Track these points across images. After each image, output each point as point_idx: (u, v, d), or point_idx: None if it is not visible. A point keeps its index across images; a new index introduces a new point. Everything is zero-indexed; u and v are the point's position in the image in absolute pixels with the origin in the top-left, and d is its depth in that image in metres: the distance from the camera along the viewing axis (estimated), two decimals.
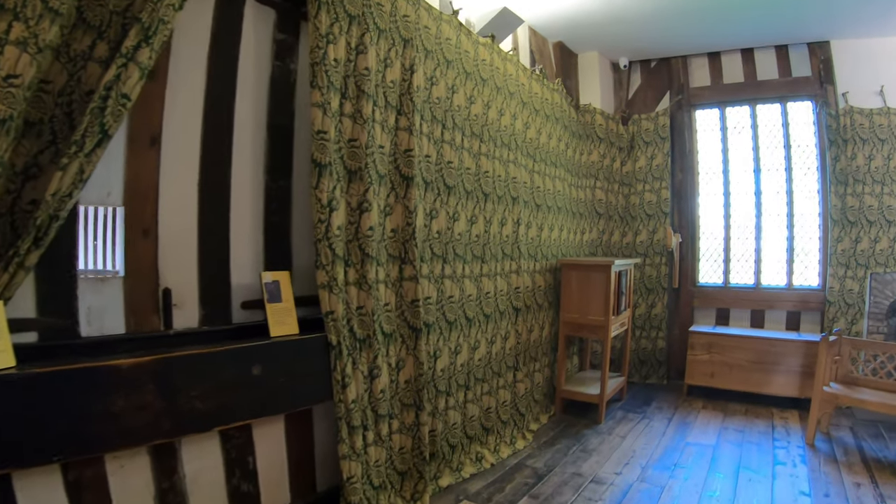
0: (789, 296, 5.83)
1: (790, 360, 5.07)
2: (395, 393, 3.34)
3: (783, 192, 5.97)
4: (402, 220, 3.38)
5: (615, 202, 6.18)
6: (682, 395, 5.63)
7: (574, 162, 5.66)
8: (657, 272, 6.03)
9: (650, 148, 6.21)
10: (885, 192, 5.23)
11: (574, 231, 5.62)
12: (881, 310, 5.28)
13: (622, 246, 6.20)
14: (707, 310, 6.20)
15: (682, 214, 6.12)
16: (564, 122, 5.47)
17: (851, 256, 5.34)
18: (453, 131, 3.82)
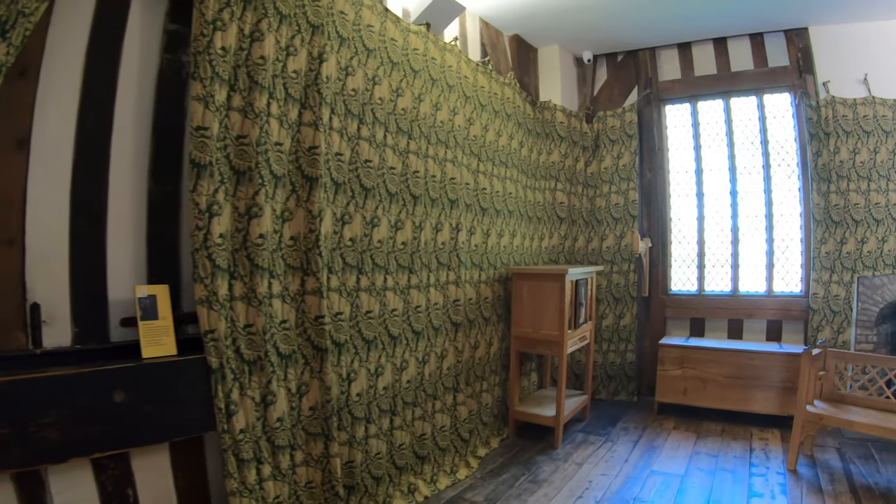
0: (769, 303, 5.38)
1: (771, 374, 4.68)
2: (298, 421, 2.92)
3: (761, 192, 5.53)
4: (304, 227, 2.96)
5: (579, 205, 5.74)
6: (653, 414, 5.17)
7: (530, 162, 5.24)
8: (625, 280, 5.58)
9: (616, 146, 5.75)
10: (871, 188, 4.83)
11: (530, 237, 5.21)
12: (870, 317, 4.84)
13: (587, 252, 5.74)
14: (680, 320, 5.75)
15: (652, 217, 5.71)
16: (518, 119, 5.04)
17: (836, 259, 4.92)
18: (373, 126, 3.40)
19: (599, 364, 5.83)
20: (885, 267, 4.81)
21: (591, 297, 4.98)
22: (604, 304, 5.80)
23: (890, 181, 4.81)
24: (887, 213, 4.83)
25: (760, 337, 5.44)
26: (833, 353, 4.04)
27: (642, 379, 5.68)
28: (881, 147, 4.84)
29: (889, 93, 4.87)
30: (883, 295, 4.83)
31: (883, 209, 4.83)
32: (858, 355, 4.05)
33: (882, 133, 4.84)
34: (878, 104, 4.84)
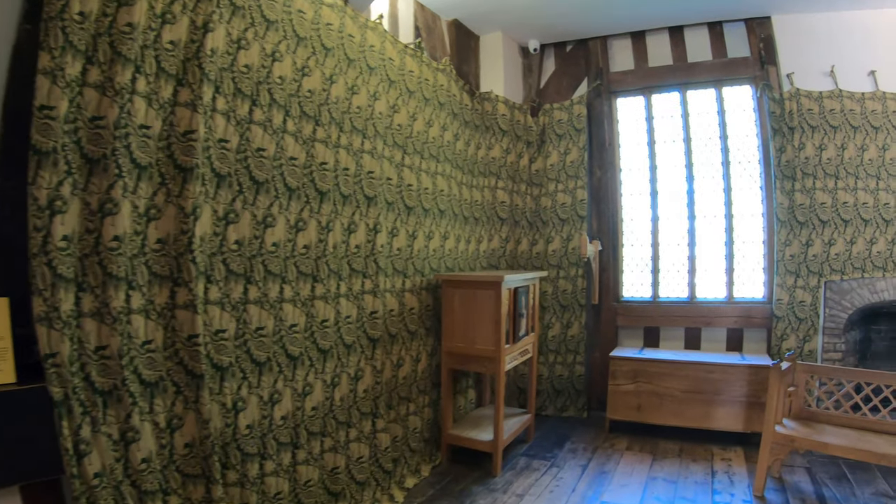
0: (730, 310, 5.04)
1: (732, 388, 4.36)
2: (171, 461, 2.44)
3: (720, 190, 5.18)
4: (174, 227, 2.47)
5: (522, 205, 5.33)
6: (604, 433, 4.80)
7: (467, 157, 4.85)
8: (573, 286, 5.20)
9: (563, 142, 5.34)
10: (839, 186, 4.55)
11: (466, 239, 4.80)
12: (838, 324, 4.60)
13: (531, 256, 5.35)
14: (633, 329, 5.38)
15: (602, 218, 5.35)
16: (453, 109, 4.62)
17: (802, 263, 4.63)
18: (270, 109, 2.91)
19: (546, 378, 5.43)
20: (853, 270, 4.54)
21: (534, 306, 4.55)
22: (550, 313, 5.42)
23: (858, 179, 4.53)
24: (856, 212, 4.54)
25: (720, 346, 5.11)
26: (803, 367, 3.76)
27: (592, 393, 5.31)
28: (849, 143, 4.55)
29: (857, 85, 4.58)
30: (851, 300, 4.57)
31: (851, 209, 4.54)
32: (832, 369, 3.74)
33: (850, 128, 4.55)
34: (846, 97, 4.55)
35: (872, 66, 4.58)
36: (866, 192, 4.55)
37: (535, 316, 4.58)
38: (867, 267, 4.53)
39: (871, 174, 4.54)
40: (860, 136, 4.54)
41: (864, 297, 4.57)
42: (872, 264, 4.52)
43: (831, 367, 3.86)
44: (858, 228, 4.55)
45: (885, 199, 4.52)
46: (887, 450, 3.07)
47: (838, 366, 4.54)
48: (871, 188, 4.54)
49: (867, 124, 4.54)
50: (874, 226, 4.52)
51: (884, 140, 4.43)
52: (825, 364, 4.57)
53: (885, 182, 4.52)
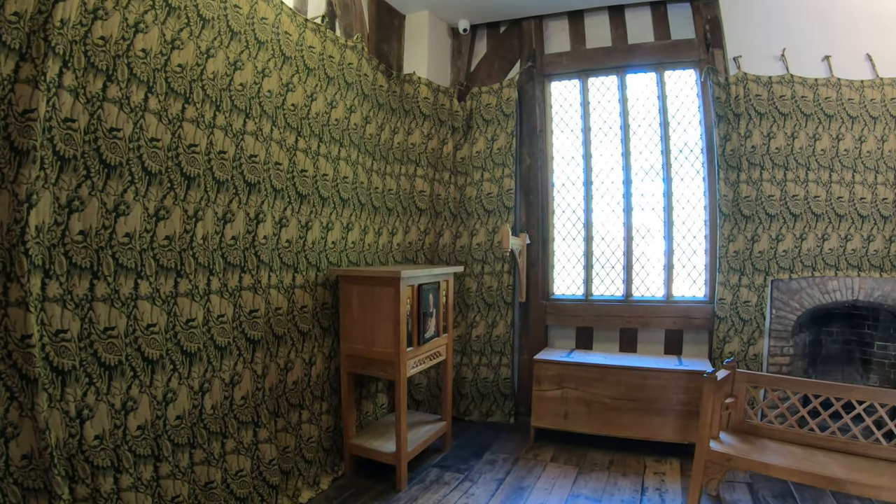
0: (668, 310, 4.98)
1: (668, 395, 4.27)
2: (7, 473, 2.28)
3: (659, 181, 5.13)
4: (7, 216, 2.31)
5: (445, 195, 5.23)
6: (528, 442, 4.70)
7: (380, 142, 4.74)
8: (499, 282, 5.12)
9: (491, 127, 5.23)
10: (788, 178, 4.47)
11: (377, 231, 4.70)
12: (786, 326, 4.52)
13: (454, 250, 5.27)
14: (564, 329, 5.31)
15: (531, 209, 5.27)
16: (363, 90, 4.49)
17: (747, 259, 4.56)
18: (128, 86, 2.72)
19: (470, 381, 5.32)
20: (803, 269, 4.47)
21: (448, 304, 4.43)
22: (474, 311, 5.31)
23: (809, 170, 4.45)
24: (806, 206, 4.46)
25: (658, 349, 5.05)
26: (744, 376, 3.63)
27: (520, 397, 5.24)
28: (800, 131, 4.47)
29: (809, 71, 4.50)
30: (801, 301, 4.49)
31: (801, 202, 4.47)
32: (777, 378, 3.61)
33: (801, 116, 4.47)
34: (798, 83, 4.47)
35: (827, 51, 4.51)
36: (818, 184, 4.47)
37: (448, 315, 4.46)
38: (818, 265, 4.46)
39: (824, 165, 4.46)
40: (812, 125, 4.40)
41: (814, 297, 4.49)
42: (824, 262, 4.45)
43: (775, 376, 3.72)
44: (809, 223, 4.48)
45: (838, 193, 4.43)
46: (837, 472, 2.90)
47: (784, 374, 4.50)
48: (823, 180, 4.47)
49: (820, 112, 4.45)
50: (826, 221, 4.45)
51: (838, 129, 4.35)
52: (771, 371, 4.51)
53: (839, 174, 4.43)
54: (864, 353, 4.78)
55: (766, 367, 4.53)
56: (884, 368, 4.65)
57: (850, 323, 4.87)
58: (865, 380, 4.73)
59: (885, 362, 4.63)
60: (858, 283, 4.41)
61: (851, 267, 4.43)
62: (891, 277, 4.36)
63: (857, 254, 4.41)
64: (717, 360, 4.61)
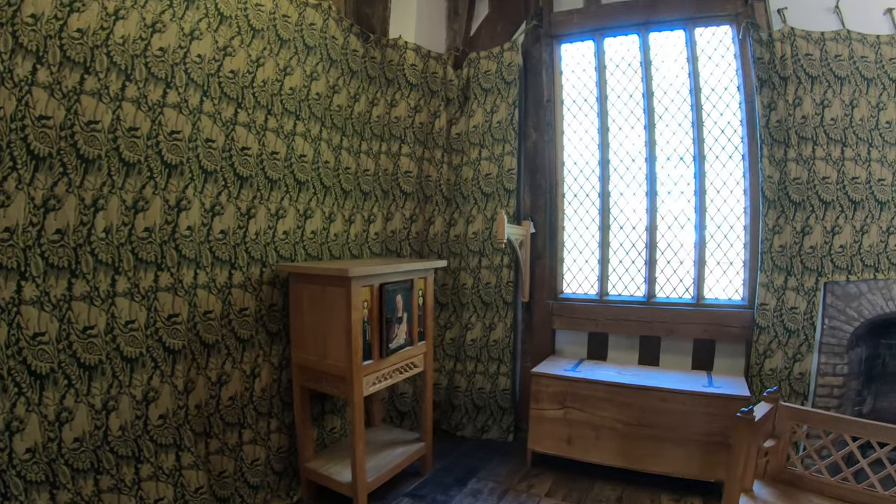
0: (698, 316, 4.49)
1: (693, 422, 3.81)
2: None
3: (689, 159, 4.65)
4: None
5: (437, 176, 4.94)
6: (525, 467, 4.32)
7: (352, 115, 4.40)
8: (497, 278, 4.81)
9: (490, 97, 4.87)
10: (847, 156, 3.90)
11: (347, 218, 4.37)
12: (840, 339, 3.92)
13: (448, 239, 5.02)
14: (575, 333, 4.90)
15: (537, 193, 4.91)
16: (331, 55, 4.18)
17: (795, 256, 4.03)
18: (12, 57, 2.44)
19: (464, 390, 4.98)
20: (864, 269, 3.88)
21: (427, 306, 4.07)
22: (469, 311, 4.96)
23: (873, 147, 3.86)
24: (868, 191, 3.87)
25: (685, 362, 4.58)
26: (790, 412, 3.10)
27: (521, 411, 4.89)
28: (860, 99, 3.88)
29: (871, 26, 3.92)
30: (860, 309, 3.88)
31: (863, 187, 3.87)
32: (833, 419, 3.00)
33: (861, 80, 3.88)
34: (856, 41, 3.88)
35: (890, 3, 3.91)
36: (883, 164, 3.87)
37: (427, 319, 4.09)
38: (882, 264, 3.86)
39: (890, 142, 3.87)
40: (875, 91, 3.87)
41: (876, 304, 3.88)
42: (889, 261, 3.85)
43: (832, 415, 3.07)
44: (872, 213, 3.88)
45: (879, 173, 3.88)
46: None
47: (836, 396, 3.96)
48: (889, 160, 3.87)
49: (884, 76, 3.87)
50: (893, 210, 3.86)
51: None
52: (820, 394, 3.97)
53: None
54: None
55: (813, 387, 4.01)
56: None
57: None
58: None
59: None
60: None
61: None
62: None
63: None
64: (756, 377, 4.14)
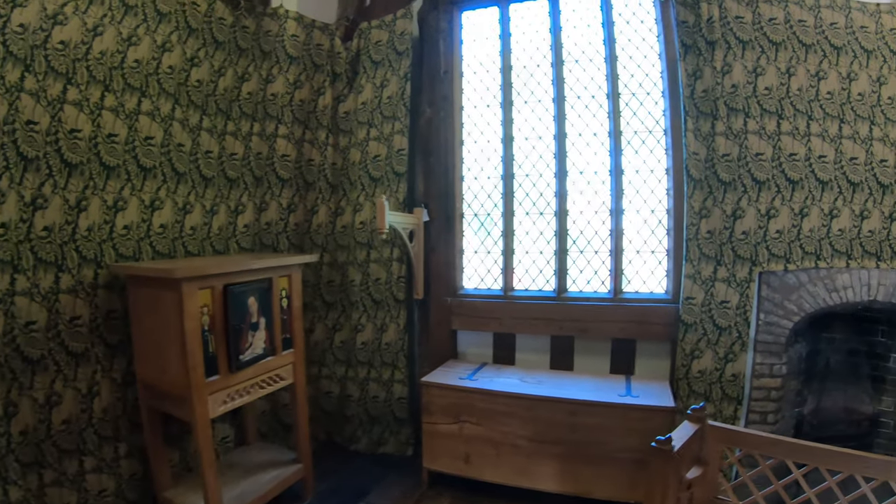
0: (615, 312, 4.39)
1: (609, 438, 3.66)
2: None
3: (604, 135, 4.56)
4: None
5: (320, 160, 4.82)
6: (421, 488, 4.20)
7: (215, 92, 4.19)
8: (388, 273, 4.69)
9: (381, 71, 4.72)
10: (783, 129, 3.80)
11: (209, 209, 4.20)
12: (778, 337, 3.85)
13: (334, 230, 4.87)
14: (478, 334, 4.80)
15: (432, 176, 4.84)
16: (189, 24, 3.95)
17: (726, 243, 3.93)
18: None
19: (356, 400, 4.84)
20: (804, 256, 3.80)
21: (294, 308, 3.85)
22: (359, 311, 4.82)
23: (812, 119, 3.78)
24: (808, 169, 3.79)
25: (602, 365, 4.50)
26: (719, 434, 2.87)
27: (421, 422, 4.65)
28: (798, 67, 3.78)
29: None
30: (800, 302, 3.81)
31: (802, 164, 3.78)
32: (770, 441, 2.77)
33: (800, 46, 3.79)
34: (793, 3, 3.78)
35: None
36: (825, 139, 3.79)
37: (294, 323, 3.91)
38: (824, 251, 3.80)
39: (832, 114, 3.79)
40: (815, 59, 3.78)
41: (818, 296, 3.81)
42: (832, 248, 3.79)
43: (769, 437, 2.82)
44: (813, 194, 3.80)
45: (852, 152, 3.77)
46: None
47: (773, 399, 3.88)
48: (831, 134, 3.79)
49: (825, 42, 3.79)
50: (836, 190, 3.79)
51: (849, 66, 3.76)
52: (756, 397, 3.88)
53: (853, 127, 3.76)
54: (876, 367, 4.18)
55: (748, 391, 3.94)
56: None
57: (856, 327, 4.24)
58: (877, 402, 4.18)
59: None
60: (878, 277, 3.76)
61: (869, 255, 3.77)
62: None
63: (875, 237, 3.76)
64: (683, 381, 4.06)
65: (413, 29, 4.74)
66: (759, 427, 3.96)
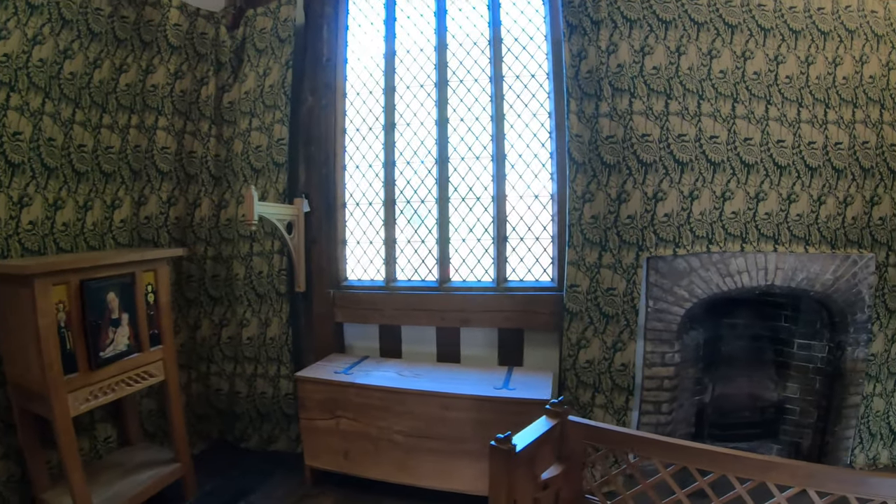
0: (499, 302, 4.59)
1: (485, 432, 3.65)
2: None
3: (487, 120, 4.74)
4: None
5: (202, 152, 4.96)
6: (306, 485, 4.34)
7: (90, 83, 4.28)
8: (269, 266, 4.84)
9: (264, 59, 4.87)
10: (672, 110, 3.98)
11: (83, 205, 4.28)
12: (668, 324, 4.04)
13: (217, 224, 5.02)
14: (364, 327, 4.97)
15: (314, 165, 4.98)
16: (62, 14, 4.04)
17: (611, 228, 4.13)
18: None
19: (245, 396, 5.03)
20: (694, 240, 3.98)
21: (161, 303, 4.02)
22: (243, 305, 4.99)
23: (704, 99, 3.97)
24: (699, 150, 3.96)
25: (490, 356, 4.69)
26: (582, 430, 2.74)
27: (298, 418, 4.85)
28: (689, 46, 4.01)
29: None
30: (691, 287, 3.99)
31: (692, 145, 3.96)
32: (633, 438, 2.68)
33: (691, 24, 4.01)
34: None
35: None
36: (717, 119, 3.98)
37: (163, 319, 4.03)
38: (717, 235, 3.99)
39: (725, 93, 3.98)
40: (707, 37, 3.97)
41: (711, 282, 3.99)
42: (725, 231, 3.97)
43: (631, 434, 2.74)
44: (703, 175, 3.98)
45: (746, 132, 3.95)
46: None
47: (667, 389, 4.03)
48: (724, 114, 3.98)
49: (718, 20, 3.97)
50: (728, 171, 3.98)
51: (744, 44, 3.95)
52: (649, 387, 4.05)
53: (747, 106, 3.95)
54: (780, 353, 4.44)
55: (639, 380, 4.12)
56: (806, 375, 4.29)
57: (760, 313, 4.48)
58: (781, 388, 4.44)
59: (809, 367, 4.26)
60: (775, 261, 3.96)
61: (766, 238, 3.98)
62: (819, 253, 3.95)
63: (772, 219, 3.97)
64: (570, 372, 4.24)
65: (298, 15, 4.92)
66: (653, 417, 4.16)
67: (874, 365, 4.18)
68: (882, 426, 4.29)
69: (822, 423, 4.23)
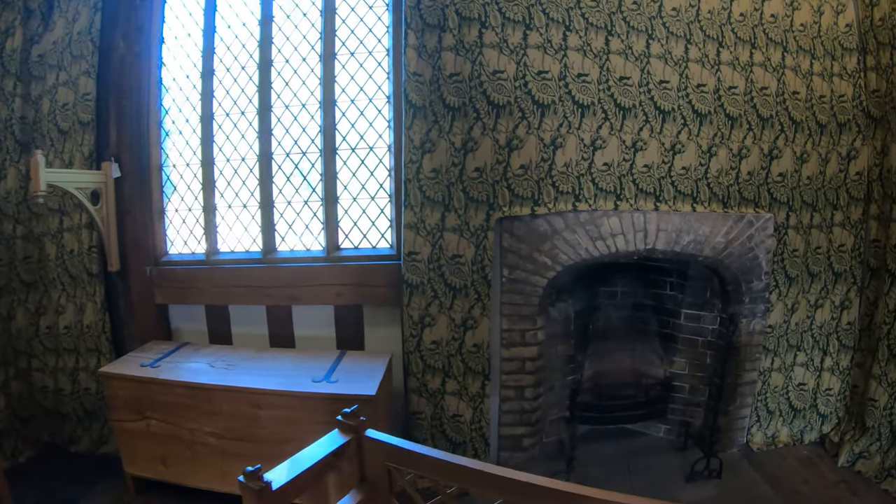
0: (330, 273, 4.40)
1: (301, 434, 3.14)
2: None
3: (315, 60, 4.46)
4: None
5: (6, 114, 4.67)
6: (129, 493, 4.19)
7: None
8: (79, 242, 4.61)
9: (75, 2, 4.61)
10: (530, 42, 3.71)
11: None
12: (529, 297, 3.87)
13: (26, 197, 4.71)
14: (190, 308, 4.78)
15: (125, 124, 4.64)
16: None
17: (455, 183, 3.83)
18: None
19: (69, 394, 4.81)
20: (558, 197, 3.73)
21: None
22: (58, 289, 4.77)
23: (571, 31, 3.69)
24: (564, 90, 3.70)
25: (328, 338, 4.49)
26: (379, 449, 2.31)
27: None
28: None
29: None
30: (554, 253, 3.76)
31: (555, 83, 3.68)
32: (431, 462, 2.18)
33: None
34: None
35: None
36: (585, 54, 3.69)
37: None
38: (585, 190, 3.72)
39: (598, 24, 3.68)
40: None
41: (578, 246, 3.76)
42: (595, 185, 3.72)
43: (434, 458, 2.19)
44: (569, 120, 3.70)
45: (623, 70, 3.69)
46: None
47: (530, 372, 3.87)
48: (596, 49, 3.70)
49: None
50: (600, 115, 3.70)
51: None
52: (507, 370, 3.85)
53: (624, 40, 3.69)
54: (666, 324, 4.24)
55: (497, 364, 3.90)
56: (696, 349, 4.12)
57: (642, 279, 4.28)
58: (668, 363, 4.25)
59: (699, 340, 4.11)
60: (656, 221, 3.73)
61: (645, 195, 3.74)
62: (709, 212, 3.75)
63: (653, 172, 3.72)
64: (414, 354, 3.99)
65: None
66: (516, 403, 3.98)
67: (772, 337, 4.22)
68: (781, 402, 4.41)
69: (715, 401, 4.22)
